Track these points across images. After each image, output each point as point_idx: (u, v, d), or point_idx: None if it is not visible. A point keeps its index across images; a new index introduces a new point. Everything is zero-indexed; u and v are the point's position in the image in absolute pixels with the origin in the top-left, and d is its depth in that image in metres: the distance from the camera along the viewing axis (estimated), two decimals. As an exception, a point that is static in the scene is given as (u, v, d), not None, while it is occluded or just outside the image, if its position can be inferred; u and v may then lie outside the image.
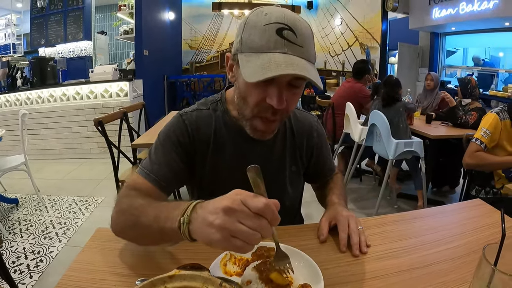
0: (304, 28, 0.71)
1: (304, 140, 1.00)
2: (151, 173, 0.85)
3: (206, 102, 0.95)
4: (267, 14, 0.70)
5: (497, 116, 1.85)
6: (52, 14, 6.24)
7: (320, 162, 1.06)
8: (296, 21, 0.70)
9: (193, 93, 7.38)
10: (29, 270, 2.08)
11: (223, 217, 0.51)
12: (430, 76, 3.52)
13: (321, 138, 1.05)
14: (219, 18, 8.86)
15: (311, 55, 0.73)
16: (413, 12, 5.97)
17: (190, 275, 0.54)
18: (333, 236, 0.82)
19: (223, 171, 0.92)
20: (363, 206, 3.12)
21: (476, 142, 1.88)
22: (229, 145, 0.91)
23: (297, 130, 0.99)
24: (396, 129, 2.73)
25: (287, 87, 0.73)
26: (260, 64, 0.67)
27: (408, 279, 0.66)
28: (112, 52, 8.36)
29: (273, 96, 0.71)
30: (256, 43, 0.70)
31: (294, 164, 1.00)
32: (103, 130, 2.29)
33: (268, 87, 0.72)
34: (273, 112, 0.75)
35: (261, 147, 0.92)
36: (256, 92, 0.74)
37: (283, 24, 0.68)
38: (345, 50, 7.55)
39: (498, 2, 4.29)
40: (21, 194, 3.33)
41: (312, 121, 1.03)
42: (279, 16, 0.69)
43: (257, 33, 0.70)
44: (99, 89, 4.53)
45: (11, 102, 4.79)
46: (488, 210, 0.96)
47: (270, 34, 0.69)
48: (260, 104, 0.75)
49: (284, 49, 0.68)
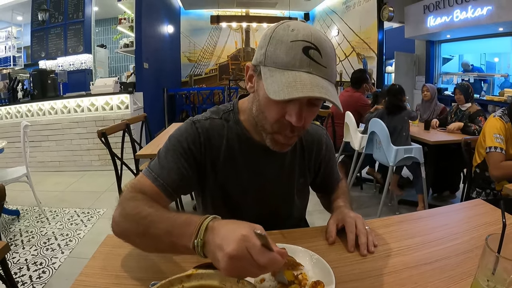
0: (329, 48, 0.71)
1: (313, 153, 1.00)
2: (159, 178, 0.82)
3: (218, 111, 0.93)
4: (294, 30, 0.69)
5: (501, 120, 1.86)
6: (52, 27, 6.31)
7: (327, 173, 1.06)
8: (322, 40, 0.70)
9: (193, 105, 7.45)
10: (32, 282, 2.07)
11: (228, 262, 0.51)
12: (426, 87, 3.58)
13: (330, 150, 1.05)
14: (217, 31, 8.99)
15: (333, 76, 0.73)
16: (409, 21, 6.08)
17: (207, 274, 0.55)
18: (340, 237, 0.84)
19: (234, 182, 0.91)
20: (365, 213, 3.12)
21: (497, 150, 1.81)
22: (240, 156, 0.90)
23: (306, 143, 0.99)
24: (398, 137, 2.75)
25: (307, 106, 0.72)
26: (285, 82, 0.67)
27: (416, 274, 0.68)
28: (112, 65, 8.44)
29: (292, 114, 0.71)
30: (282, 58, 0.69)
31: (302, 177, 1.00)
32: (107, 141, 2.32)
33: (288, 105, 0.71)
34: (292, 129, 0.75)
35: (272, 160, 0.91)
36: (276, 108, 0.73)
37: (309, 43, 0.68)
38: (342, 61, 7.64)
39: (492, 8, 4.38)
40: (22, 205, 3.32)
41: (321, 134, 1.03)
42: (306, 34, 0.69)
43: (284, 49, 0.69)
44: (100, 102, 4.56)
45: (12, 114, 4.81)
46: (489, 209, 0.99)
47: (296, 51, 0.68)
48: (280, 120, 0.74)
49: (309, 69, 0.68)
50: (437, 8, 5.34)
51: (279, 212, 0.99)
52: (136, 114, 4.17)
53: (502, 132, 1.83)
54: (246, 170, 0.90)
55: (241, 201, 0.93)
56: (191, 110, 7.34)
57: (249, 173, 0.90)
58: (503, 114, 1.89)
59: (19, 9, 6.98)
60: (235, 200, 0.93)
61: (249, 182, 0.91)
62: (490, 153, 1.84)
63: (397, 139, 2.74)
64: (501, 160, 1.80)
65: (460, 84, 3.20)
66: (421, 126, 3.33)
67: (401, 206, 3.12)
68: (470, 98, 3.05)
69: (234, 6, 8.24)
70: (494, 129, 1.85)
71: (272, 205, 0.96)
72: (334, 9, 7.91)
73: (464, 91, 3.04)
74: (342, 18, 7.54)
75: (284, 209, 1.00)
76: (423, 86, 3.62)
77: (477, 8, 4.59)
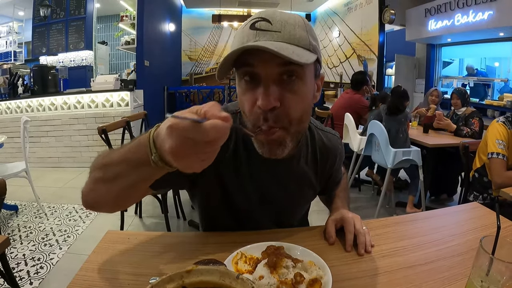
0: (285, 16, 0.65)
1: (327, 167, 0.97)
2: None
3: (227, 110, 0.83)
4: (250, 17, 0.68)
5: (504, 125, 1.85)
6: (54, 23, 6.31)
7: (333, 179, 1.04)
8: (276, 12, 0.66)
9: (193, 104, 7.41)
10: (29, 277, 2.07)
11: (175, 159, 0.47)
12: (436, 92, 3.58)
13: (342, 159, 1.02)
14: (219, 30, 8.99)
15: (295, 38, 0.64)
16: (410, 24, 6.10)
17: (207, 270, 0.55)
18: (338, 237, 0.85)
19: (234, 188, 0.86)
20: (363, 215, 3.08)
21: (499, 157, 1.79)
22: (246, 163, 0.84)
23: (320, 157, 0.94)
24: (396, 138, 2.77)
25: (279, 83, 0.65)
26: (226, 57, 0.64)
27: (412, 275, 0.69)
28: (112, 62, 8.44)
29: (258, 95, 0.64)
30: (235, 44, 0.67)
31: (311, 189, 0.96)
32: (107, 138, 2.32)
33: (256, 89, 0.66)
34: (264, 117, 0.66)
35: (278, 170, 0.86)
36: (246, 98, 0.68)
37: (257, 18, 0.65)
38: (342, 62, 7.66)
39: (493, 13, 4.40)
40: (21, 201, 3.32)
41: (337, 146, 0.98)
42: (258, 13, 0.66)
43: (238, 34, 0.68)
44: (100, 99, 4.56)
45: (12, 109, 4.80)
46: (485, 212, 1.00)
47: (245, 31, 0.66)
48: (252, 110, 0.68)
49: (255, 38, 0.64)
50: (438, 12, 5.36)
51: (281, 220, 0.96)
52: (136, 112, 4.17)
53: (504, 138, 1.82)
54: (249, 178, 0.85)
55: (240, 208, 0.89)
56: (191, 109, 7.35)
57: (252, 182, 0.85)
58: (506, 120, 1.88)
59: (21, 4, 6.99)
60: (235, 207, 0.89)
61: (250, 190, 0.87)
62: (492, 159, 1.82)
63: (395, 140, 2.75)
64: (504, 167, 1.78)
65: (458, 89, 3.23)
66: (420, 128, 3.35)
67: (398, 208, 3.13)
68: (467, 103, 3.12)
69: (236, 5, 8.24)
70: (497, 135, 1.84)
71: (273, 215, 0.94)
72: (336, 10, 7.92)
73: (462, 96, 3.11)
74: (344, 19, 7.55)
75: (287, 218, 0.98)
76: (434, 91, 3.61)
77: (478, 12, 4.61)
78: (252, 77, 0.66)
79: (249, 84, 0.67)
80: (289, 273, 0.63)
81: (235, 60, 0.66)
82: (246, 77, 0.67)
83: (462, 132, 2.90)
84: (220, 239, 0.84)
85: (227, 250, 0.75)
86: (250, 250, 0.74)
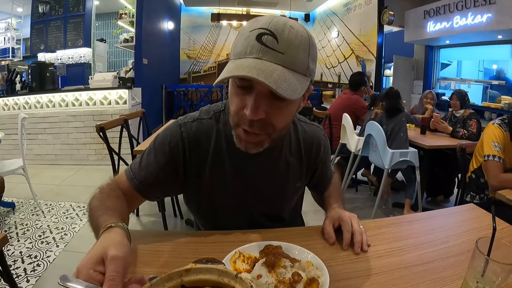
0: (292, 35, 0.65)
1: (312, 156, 0.98)
2: (135, 178, 0.85)
3: (209, 110, 0.91)
4: (257, 21, 0.68)
5: (500, 128, 1.85)
6: (52, 20, 6.29)
7: (323, 174, 1.05)
8: (285, 27, 0.65)
9: (190, 102, 7.44)
10: (26, 274, 2.07)
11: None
12: (431, 95, 3.57)
13: (327, 152, 1.03)
14: (218, 29, 8.97)
15: (296, 63, 0.66)
16: (408, 26, 6.11)
17: (206, 268, 0.55)
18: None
19: (221, 185, 0.89)
20: (359, 215, 3.03)
21: (495, 159, 1.79)
22: (228, 158, 0.87)
23: (304, 146, 0.96)
24: (396, 138, 2.78)
25: (270, 99, 0.68)
26: (228, 68, 0.66)
27: (407, 275, 0.70)
28: (111, 59, 8.43)
29: (248, 106, 0.67)
30: (238, 48, 0.67)
31: (298, 180, 0.98)
32: (105, 136, 2.32)
33: (247, 96, 0.68)
34: (250, 124, 0.70)
35: (262, 162, 0.88)
36: (235, 101, 0.71)
37: (265, 29, 0.65)
38: (341, 63, 7.66)
39: (491, 15, 4.42)
40: (18, 198, 3.31)
41: (320, 136, 1.00)
42: (265, 22, 0.66)
43: (241, 39, 0.68)
44: (98, 96, 4.55)
45: (10, 106, 4.79)
46: (481, 214, 1.01)
47: (251, 39, 0.66)
48: (239, 113, 0.71)
49: (259, 54, 0.64)
50: (437, 14, 5.37)
51: (272, 213, 0.98)
52: (134, 110, 4.16)
53: (500, 141, 1.82)
54: (234, 173, 0.88)
55: (229, 203, 0.92)
56: (189, 107, 7.34)
57: (237, 176, 0.88)
58: (502, 122, 1.88)
59: (19, 0, 6.96)
60: (224, 203, 0.92)
61: (237, 184, 0.89)
62: (488, 162, 1.83)
63: (394, 140, 2.76)
64: (500, 170, 1.78)
65: (459, 91, 3.24)
66: (417, 130, 3.36)
67: (395, 209, 3.15)
68: (466, 105, 3.13)
69: (235, 4, 8.23)
70: (492, 137, 1.84)
71: (263, 207, 0.95)
72: (335, 11, 7.93)
73: (461, 97, 3.12)
74: (343, 20, 7.56)
75: (277, 211, 0.99)
76: (429, 93, 3.60)
77: (477, 15, 4.62)
78: (245, 86, 0.69)
79: (240, 90, 0.70)
80: (287, 272, 0.63)
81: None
82: (239, 83, 0.69)
83: (458, 134, 2.92)
84: (218, 238, 0.85)
85: (225, 249, 0.75)
86: (248, 249, 0.75)
